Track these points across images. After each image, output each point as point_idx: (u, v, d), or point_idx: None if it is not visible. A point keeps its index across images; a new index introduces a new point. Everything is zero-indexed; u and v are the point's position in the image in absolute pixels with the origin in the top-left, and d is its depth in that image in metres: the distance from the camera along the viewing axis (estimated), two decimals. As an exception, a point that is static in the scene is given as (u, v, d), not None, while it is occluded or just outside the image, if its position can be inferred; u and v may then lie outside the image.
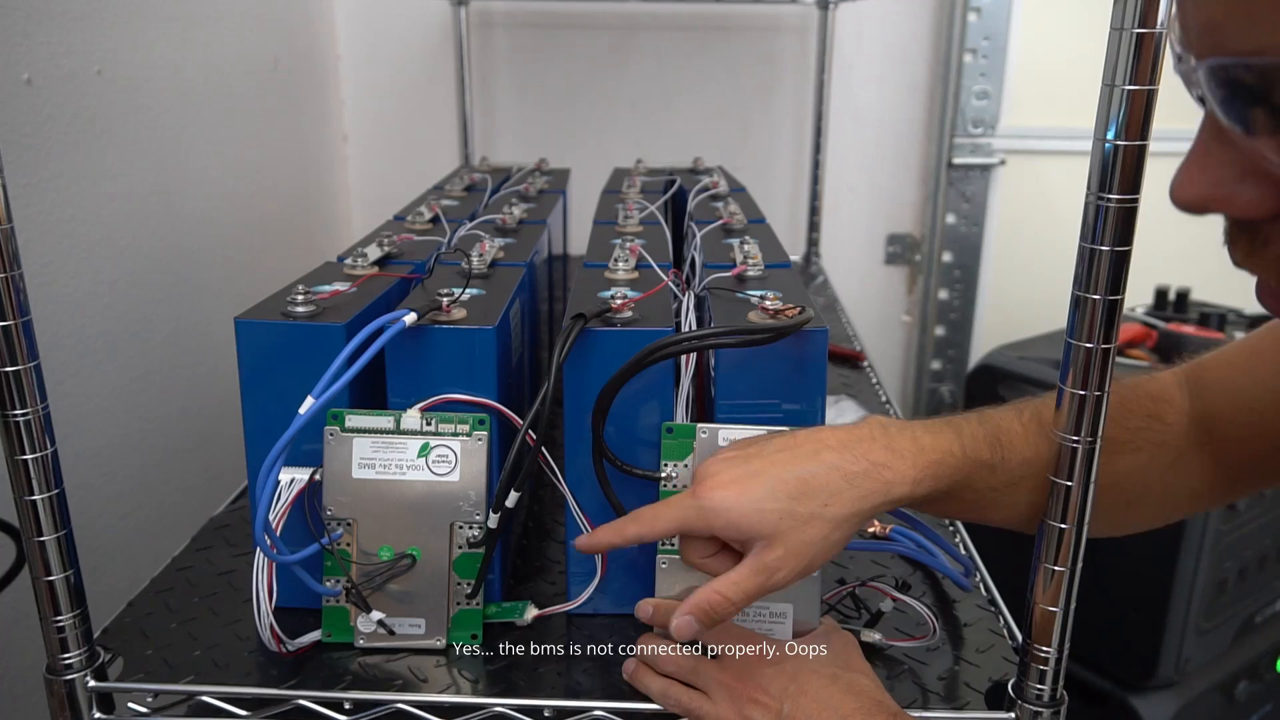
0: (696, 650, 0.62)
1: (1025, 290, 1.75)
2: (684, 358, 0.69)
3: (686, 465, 0.65)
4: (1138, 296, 1.45)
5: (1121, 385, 0.62)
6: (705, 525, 0.58)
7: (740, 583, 0.57)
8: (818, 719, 0.56)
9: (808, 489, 0.57)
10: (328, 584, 0.65)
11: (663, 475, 0.65)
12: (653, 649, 0.63)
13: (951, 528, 0.83)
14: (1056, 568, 0.55)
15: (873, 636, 0.67)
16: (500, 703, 0.62)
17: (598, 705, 0.62)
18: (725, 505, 0.57)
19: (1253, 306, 1.43)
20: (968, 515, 0.65)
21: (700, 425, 0.64)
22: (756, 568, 0.57)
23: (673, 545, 0.65)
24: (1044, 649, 0.57)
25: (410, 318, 0.63)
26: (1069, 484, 0.53)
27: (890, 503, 0.58)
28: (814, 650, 0.61)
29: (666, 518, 0.59)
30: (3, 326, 0.53)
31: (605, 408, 0.63)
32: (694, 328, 0.74)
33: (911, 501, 0.59)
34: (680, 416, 0.68)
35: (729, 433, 0.64)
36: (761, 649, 0.60)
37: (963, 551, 0.79)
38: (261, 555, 0.61)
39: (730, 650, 0.61)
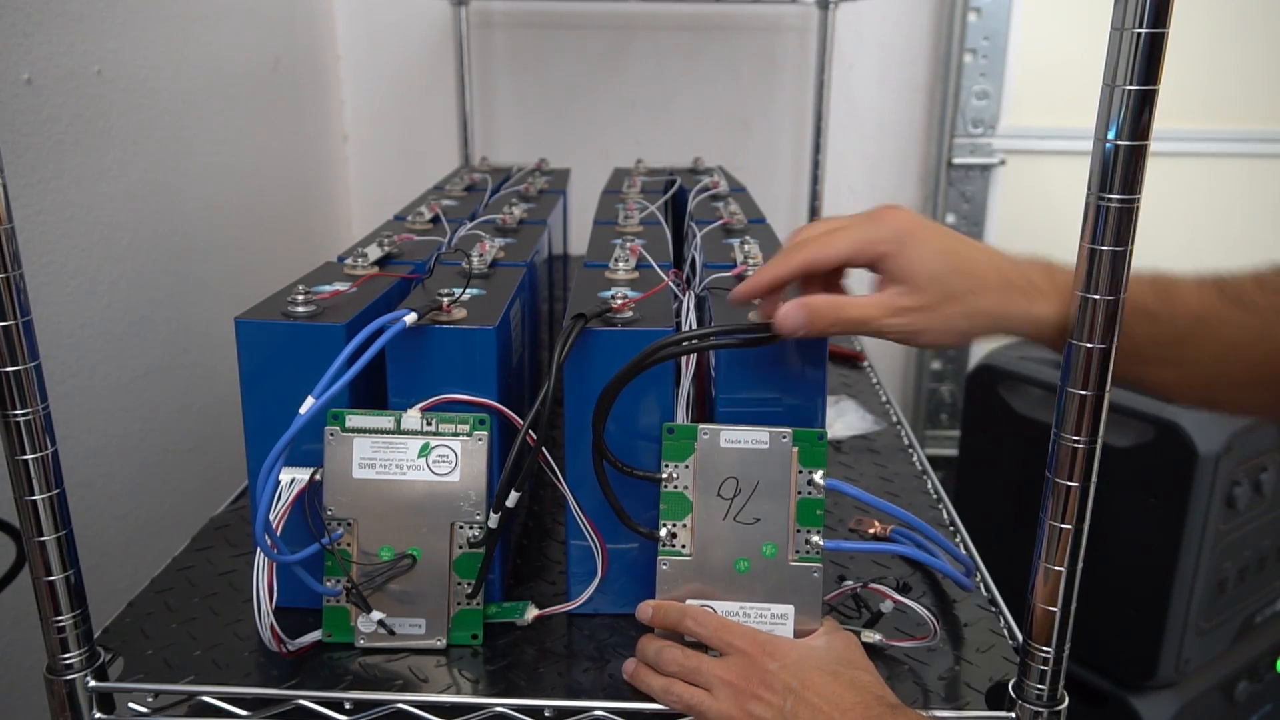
0: (697, 650, 0.62)
1: (1025, 290, 1.75)
2: (684, 358, 0.69)
3: (687, 466, 0.65)
4: (1138, 296, 1.44)
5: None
6: (877, 245, 0.59)
7: (863, 304, 0.59)
8: (820, 714, 0.56)
9: (967, 267, 0.59)
10: (328, 584, 0.65)
11: (663, 476, 0.65)
12: (655, 649, 0.63)
13: (952, 527, 0.84)
14: (1056, 568, 0.55)
15: (873, 637, 0.67)
16: (500, 703, 0.62)
17: (598, 705, 0.62)
18: (901, 232, 0.58)
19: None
20: (1126, 373, 0.60)
21: (701, 426, 0.64)
22: (884, 302, 0.58)
23: (674, 546, 0.65)
24: (1044, 649, 0.57)
25: (410, 318, 0.63)
26: (1070, 484, 0.53)
27: (1032, 321, 0.58)
28: (816, 647, 0.61)
29: (842, 239, 0.60)
30: (3, 326, 0.53)
31: (606, 408, 0.63)
32: (694, 328, 0.74)
33: (1056, 329, 0.58)
34: (680, 417, 0.68)
35: (731, 433, 0.64)
36: (764, 647, 0.60)
37: (963, 551, 0.79)
38: (262, 555, 0.61)
39: (732, 648, 0.61)
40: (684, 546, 0.65)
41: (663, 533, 0.65)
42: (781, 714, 0.57)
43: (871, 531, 0.79)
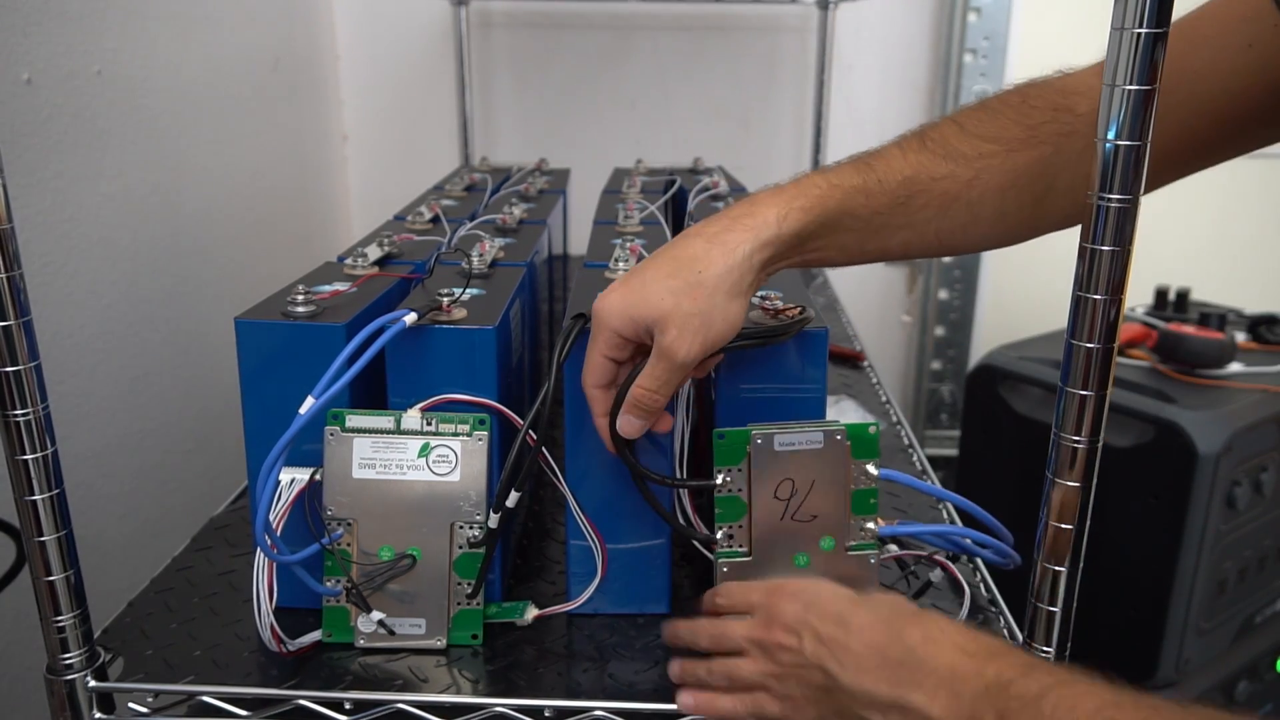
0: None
1: (1025, 290, 1.75)
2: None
3: (741, 469, 0.64)
4: (1138, 296, 1.45)
5: (1027, 84, 0.64)
6: (607, 331, 0.60)
7: (651, 372, 0.60)
8: (835, 643, 0.54)
9: (678, 264, 0.59)
10: (328, 584, 0.65)
11: (717, 481, 0.64)
12: (690, 629, 0.62)
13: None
14: (1056, 568, 0.55)
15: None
16: (500, 703, 0.62)
17: (598, 705, 0.62)
18: (612, 305, 0.60)
19: (1252, 306, 1.44)
20: (868, 249, 0.65)
21: (754, 430, 0.63)
22: (658, 354, 0.59)
23: (731, 547, 0.65)
24: (1044, 649, 0.57)
25: (410, 318, 0.63)
26: (1070, 484, 0.53)
27: (763, 245, 0.59)
28: (830, 581, 0.59)
29: (591, 349, 0.62)
30: (3, 326, 0.53)
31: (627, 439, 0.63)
32: None
33: (786, 243, 0.60)
34: (680, 416, 0.68)
35: (785, 436, 0.63)
36: (777, 592, 0.59)
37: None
38: (262, 555, 0.61)
39: (751, 606, 0.60)
40: (741, 546, 0.65)
41: (719, 535, 0.65)
42: (802, 653, 0.55)
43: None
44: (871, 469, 0.65)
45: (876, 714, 0.52)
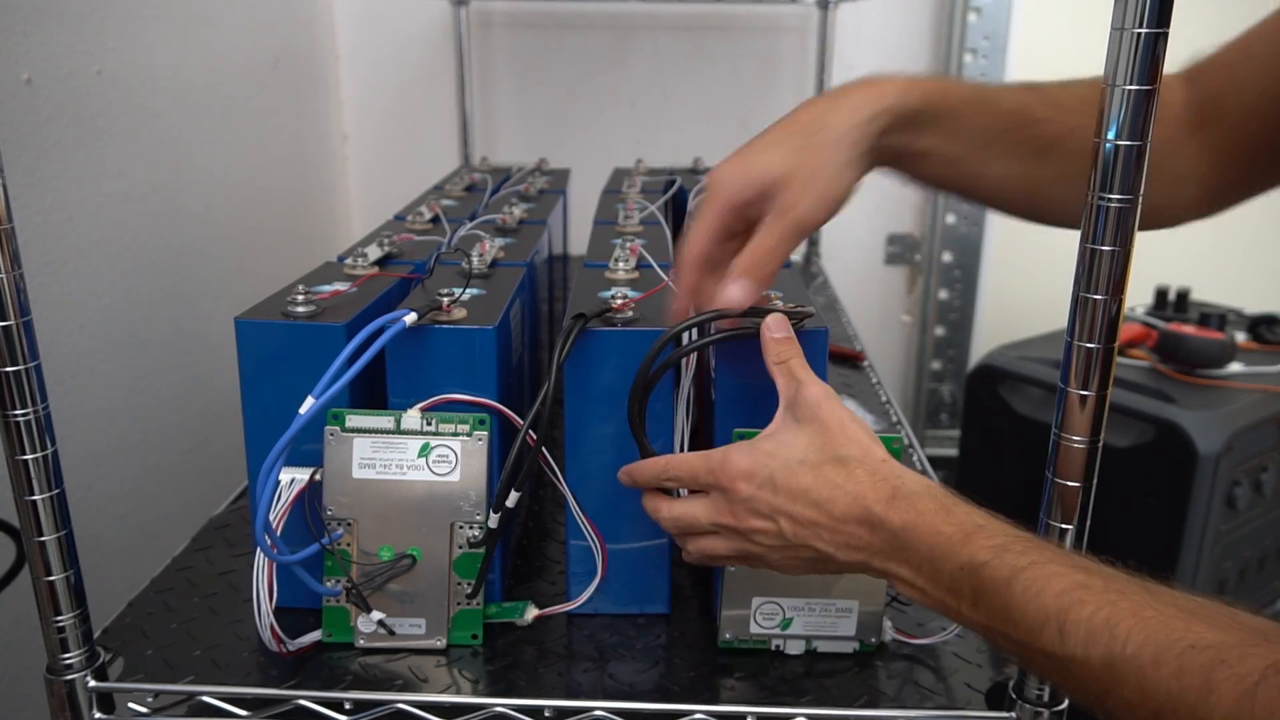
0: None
1: (1025, 290, 1.75)
2: (683, 358, 0.69)
3: None
4: (1138, 296, 1.45)
5: (1084, 83, 0.64)
6: (721, 198, 0.60)
7: (770, 232, 0.59)
8: (816, 523, 0.53)
9: (796, 126, 0.59)
10: (328, 584, 0.65)
11: None
12: (652, 510, 0.61)
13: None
14: (1057, 568, 0.55)
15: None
16: (500, 703, 0.62)
17: (598, 705, 0.62)
18: (730, 170, 0.59)
19: (1252, 306, 1.43)
20: (969, 168, 0.64)
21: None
22: (777, 213, 0.58)
23: None
24: (1044, 649, 0.56)
25: (410, 318, 0.63)
26: (1070, 484, 0.53)
27: (884, 112, 0.59)
28: (782, 446, 0.55)
29: (701, 217, 0.61)
30: (3, 326, 0.53)
31: (639, 416, 0.62)
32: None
33: (903, 117, 0.60)
34: (680, 417, 0.68)
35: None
36: (729, 474, 0.55)
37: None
38: (261, 555, 0.61)
39: (699, 484, 0.58)
40: None
41: None
42: (781, 536, 0.54)
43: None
44: None
45: (866, 573, 0.54)
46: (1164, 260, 1.54)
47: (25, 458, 0.55)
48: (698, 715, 0.61)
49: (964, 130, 0.63)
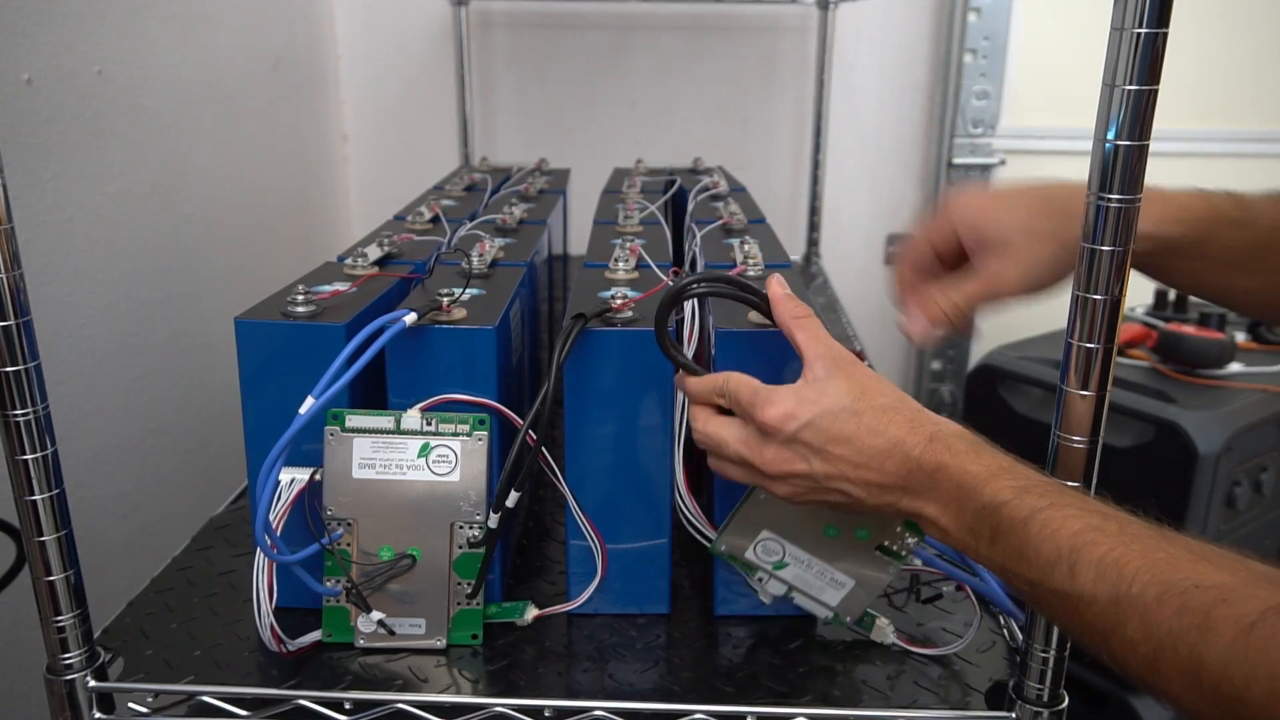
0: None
1: (1025, 290, 1.75)
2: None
3: None
4: (1138, 296, 1.44)
5: None
6: (949, 225, 0.63)
7: (970, 290, 0.62)
8: (853, 462, 0.54)
9: (1048, 205, 0.61)
10: (328, 584, 0.65)
11: None
12: (690, 421, 0.61)
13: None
14: (1057, 568, 0.55)
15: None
16: (500, 703, 0.62)
17: (598, 705, 0.62)
18: (970, 205, 0.62)
19: (1253, 306, 1.43)
20: (1217, 276, 0.65)
21: None
22: (985, 276, 0.61)
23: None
24: (1044, 649, 0.57)
25: (410, 318, 0.63)
26: (1070, 484, 0.53)
27: (1140, 238, 0.60)
28: (825, 394, 0.56)
29: (926, 229, 0.65)
30: (3, 326, 0.53)
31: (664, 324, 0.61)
32: (698, 321, 0.73)
33: (1157, 244, 0.60)
34: (679, 414, 0.68)
35: None
36: (770, 412, 0.56)
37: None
38: (262, 555, 0.61)
39: (739, 410, 0.58)
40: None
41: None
42: (814, 478, 0.55)
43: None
44: None
45: (892, 515, 0.56)
46: (1164, 260, 1.55)
47: (25, 458, 0.55)
48: (698, 715, 0.61)
49: (1218, 250, 0.63)
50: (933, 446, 0.53)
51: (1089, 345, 0.50)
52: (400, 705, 0.62)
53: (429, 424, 0.64)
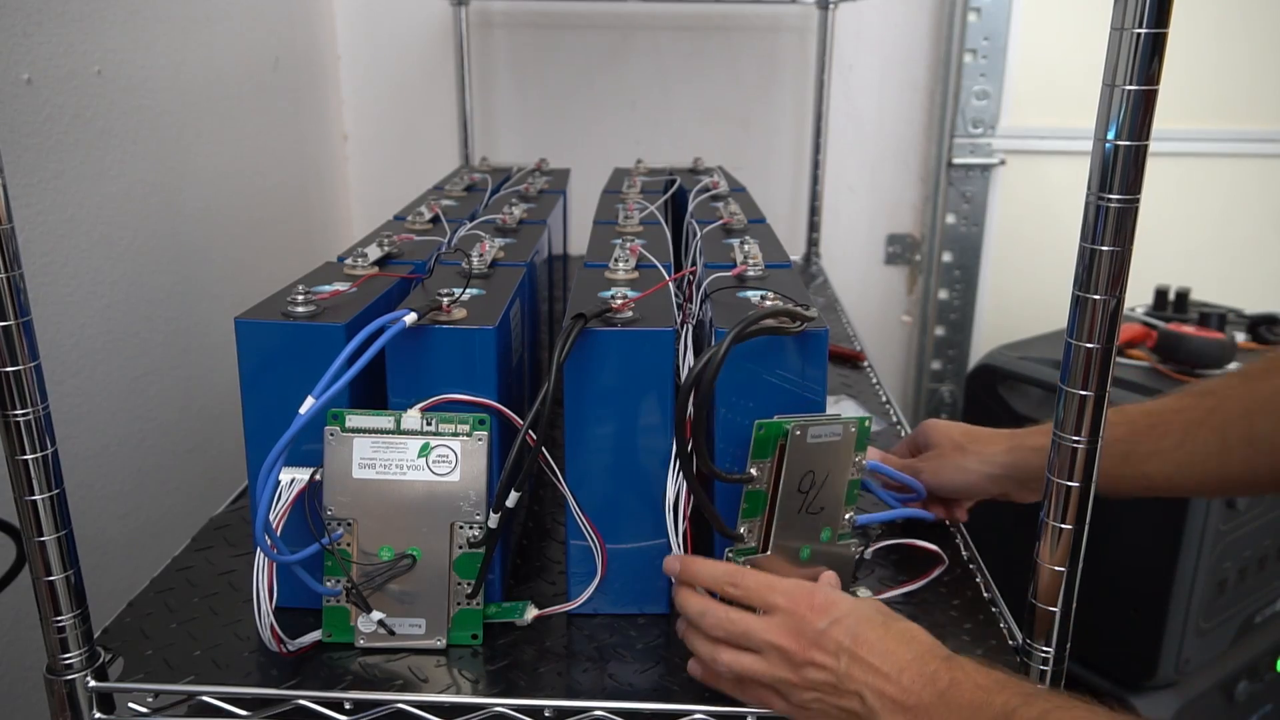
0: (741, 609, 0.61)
1: (1025, 290, 1.75)
2: (682, 360, 0.70)
3: (769, 462, 0.64)
4: (1138, 296, 1.45)
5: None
6: (916, 442, 0.81)
7: (918, 477, 0.79)
8: (876, 673, 0.55)
9: (971, 436, 0.79)
10: (328, 584, 0.65)
11: (754, 474, 0.64)
12: (698, 609, 0.61)
13: (953, 528, 0.83)
14: (1056, 568, 0.55)
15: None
16: (500, 703, 0.62)
17: (598, 705, 0.62)
18: (933, 434, 0.82)
19: (1253, 306, 1.44)
20: (1121, 476, 0.71)
21: (792, 422, 0.63)
22: (928, 473, 0.78)
23: (748, 545, 0.65)
24: (1044, 649, 0.57)
25: (410, 318, 0.63)
26: (1070, 484, 0.53)
27: (1031, 449, 0.74)
28: (863, 601, 0.59)
29: (904, 444, 0.84)
30: (3, 326, 0.53)
31: (700, 404, 0.60)
32: (709, 327, 0.73)
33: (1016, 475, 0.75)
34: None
35: (817, 428, 0.64)
36: (810, 604, 0.58)
37: (963, 552, 0.79)
38: (262, 555, 0.61)
39: (777, 608, 0.59)
40: (754, 542, 0.65)
41: (742, 529, 0.64)
42: (836, 675, 0.56)
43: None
44: (859, 459, 0.67)
45: None
46: (1164, 260, 1.55)
47: (25, 458, 0.55)
48: (697, 715, 0.61)
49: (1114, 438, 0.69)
50: (951, 662, 0.55)
51: (1089, 345, 0.50)
52: (400, 705, 0.62)
53: (429, 424, 0.64)
